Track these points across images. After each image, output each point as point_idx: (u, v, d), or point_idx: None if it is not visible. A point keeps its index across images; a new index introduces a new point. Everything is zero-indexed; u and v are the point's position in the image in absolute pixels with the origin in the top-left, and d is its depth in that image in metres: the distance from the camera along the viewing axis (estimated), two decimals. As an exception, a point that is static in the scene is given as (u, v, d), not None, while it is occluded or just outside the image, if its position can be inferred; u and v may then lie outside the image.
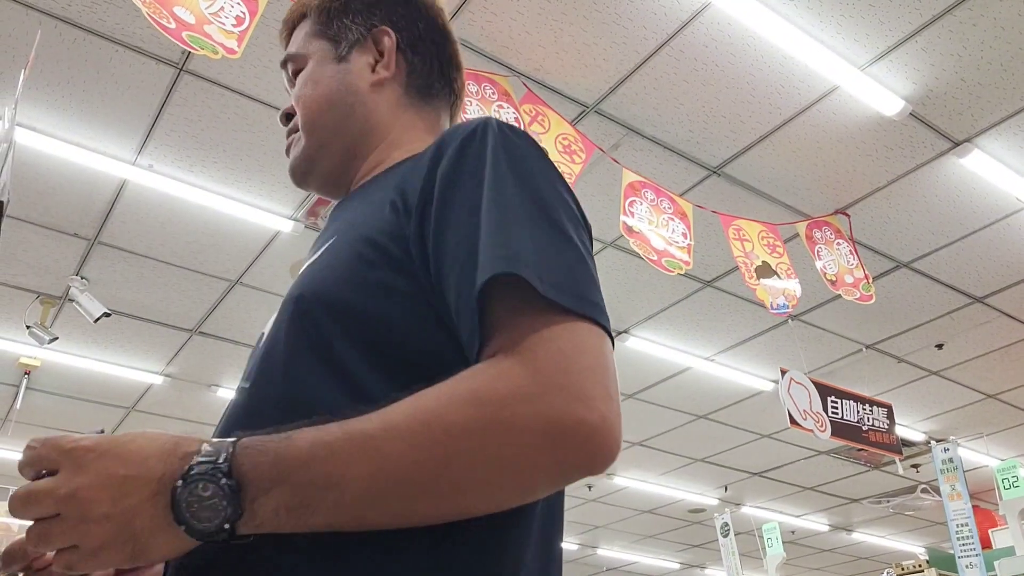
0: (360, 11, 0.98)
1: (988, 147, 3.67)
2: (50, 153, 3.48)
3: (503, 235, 0.68)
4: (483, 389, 0.62)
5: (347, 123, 0.95)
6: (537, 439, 0.60)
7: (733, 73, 3.27)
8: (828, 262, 3.99)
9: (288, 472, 0.59)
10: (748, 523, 7.98)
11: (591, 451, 0.61)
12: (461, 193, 0.73)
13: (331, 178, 0.98)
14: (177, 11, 2.31)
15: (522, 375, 0.62)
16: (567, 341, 0.64)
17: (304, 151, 0.96)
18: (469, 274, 0.67)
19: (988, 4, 2.98)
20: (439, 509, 0.62)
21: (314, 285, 0.78)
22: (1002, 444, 6.92)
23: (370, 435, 0.60)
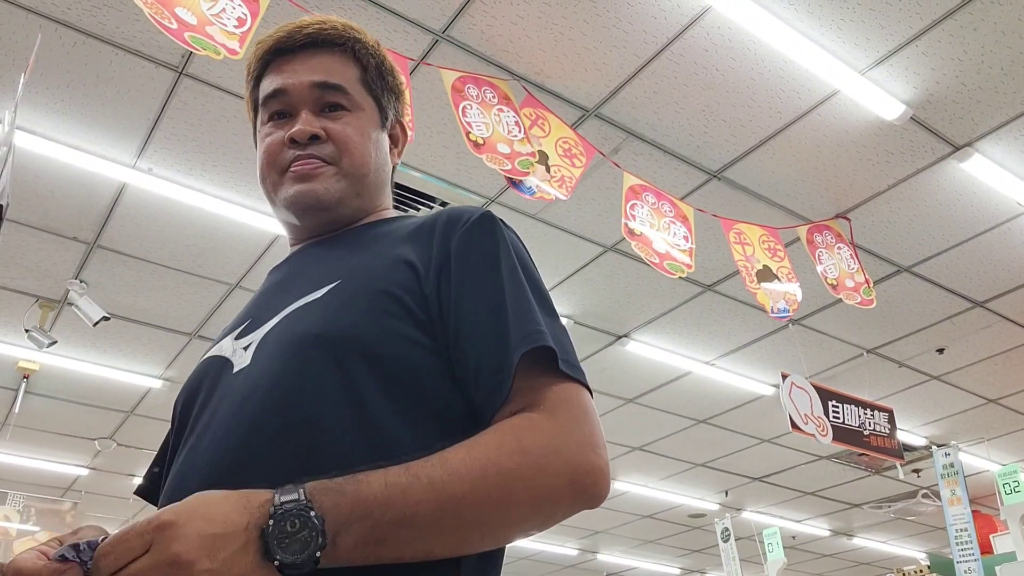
0: (398, 96, 1.11)
1: (989, 151, 3.67)
2: (50, 156, 3.48)
3: (527, 316, 0.83)
4: (525, 439, 0.76)
5: (381, 186, 1.06)
6: (564, 480, 0.75)
7: (733, 77, 3.27)
8: (829, 266, 3.98)
9: (368, 510, 0.68)
10: (749, 528, 7.96)
11: (597, 491, 0.77)
12: (478, 273, 0.87)
13: (337, 223, 1.03)
14: (179, 12, 2.31)
15: (551, 428, 0.77)
16: (576, 403, 0.81)
17: (340, 190, 1.00)
18: (501, 344, 0.81)
19: (989, 8, 2.98)
20: (485, 540, 0.75)
21: (337, 327, 0.83)
22: (1003, 449, 6.91)
23: (437, 479, 0.71)
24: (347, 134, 1.00)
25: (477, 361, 0.82)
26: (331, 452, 0.76)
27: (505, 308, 0.83)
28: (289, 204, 1.00)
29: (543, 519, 0.77)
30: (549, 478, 0.75)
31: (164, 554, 0.63)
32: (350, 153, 1.00)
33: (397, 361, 0.81)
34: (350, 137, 1.00)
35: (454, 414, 0.81)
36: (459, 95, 3.00)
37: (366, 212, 1.05)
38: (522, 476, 0.74)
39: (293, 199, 0.99)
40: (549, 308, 0.88)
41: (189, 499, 0.67)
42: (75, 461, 6.95)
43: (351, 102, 1.02)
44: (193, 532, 0.64)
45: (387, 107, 1.08)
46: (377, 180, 1.05)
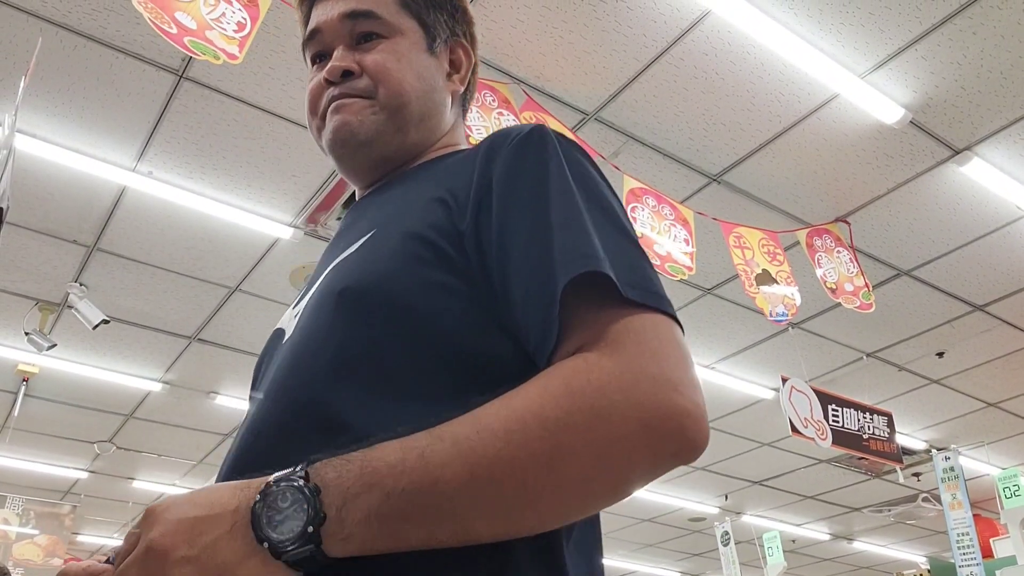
0: (451, 13, 0.99)
1: (988, 155, 3.67)
2: (50, 159, 3.48)
3: (577, 237, 0.69)
4: (576, 381, 0.61)
5: (429, 119, 0.94)
6: (634, 427, 0.59)
7: (733, 81, 3.27)
8: (828, 270, 3.99)
9: (378, 477, 0.58)
10: (749, 532, 7.95)
11: (686, 438, 0.61)
12: (524, 195, 0.73)
13: (382, 161, 0.93)
14: (179, 16, 2.31)
15: (613, 366, 0.62)
16: (651, 334, 0.65)
17: (379, 125, 0.90)
18: (545, 272, 0.67)
19: (988, 13, 2.99)
20: (540, 512, 0.60)
21: (363, 279, 0.74)
22: (1003, 453, 6.90)
23: (463, 437, 0.59)
24: (380, 62, 0.90)
25: (523, 300, 0.68)
26: (351, 426, 0.65)
27: (551, 233, 0.69)
28: (328, 145, 0.93)
29: (615, 479, 0.61)
30: (612, 424, 0.59)
31: (143, 543, 0.58)
32: (386, 82, 0.90)
33: (431, 312, 0.70)
34: (384, 65, 0.90)
35: (506, 373, 0.66)
36: (459, 99, 3.00)
37: (419, 148, 0.94)
38: (573, 425, 0.59)
39: (330, 138, 0.91)
40: (614, 227, 0.72)
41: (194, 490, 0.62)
42: (74, 464, 6.94)
43: (386, 27, 0.92)
44: (173, 517, 0.58)
45: (434, 27, 0.96)
46: (423, 110, 0.92)
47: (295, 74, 3.15)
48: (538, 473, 0.58)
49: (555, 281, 0.65)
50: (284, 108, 3.31)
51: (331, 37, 0.94)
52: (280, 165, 3.63)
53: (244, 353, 5.15)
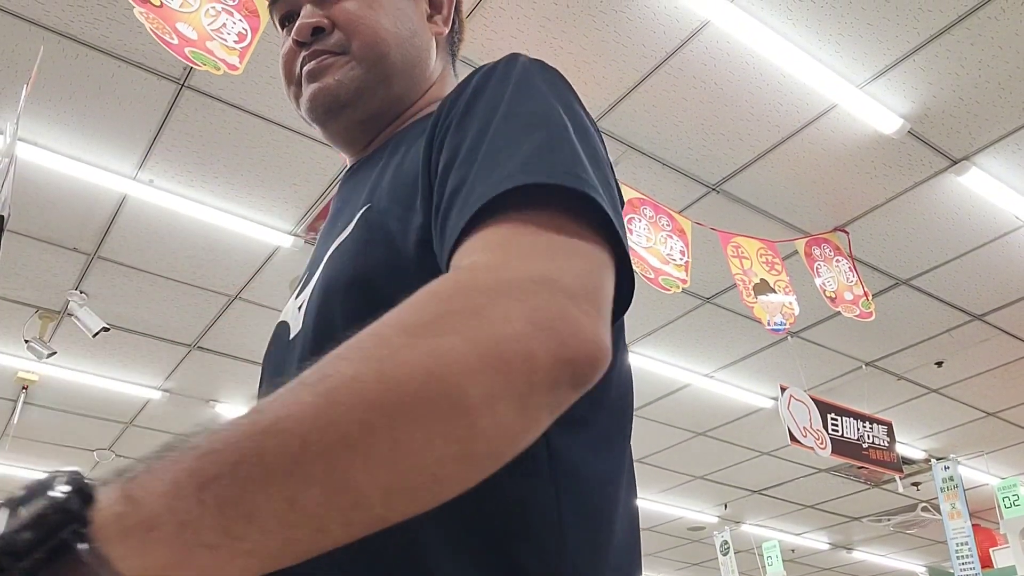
0: None
1: (986, 165, 3.69)
2: (51, 168, 3.49)
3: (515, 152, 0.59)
4: (445, 285, 0.50)
5: (412, 67, 0.87)
6: (521, 326, 0.47)
7: (732, 91, 3.29)
8: (827, 279, 3.99)
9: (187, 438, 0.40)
10: (748, 541, 7.93)
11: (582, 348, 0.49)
12: (475, 117, 0.66)
13: (371, 120, 0.86)
14: (180, 27, 2.32)
15: (503, 269, 0.52)
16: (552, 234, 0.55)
17: (357, 78, 0.83)
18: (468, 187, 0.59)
19: (985, 23, 3.00)
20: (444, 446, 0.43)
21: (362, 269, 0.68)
22: (1003, 462, 6.89)
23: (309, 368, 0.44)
24: (350, 12, 0.83)
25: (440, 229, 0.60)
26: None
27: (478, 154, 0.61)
28: (307, 112, 0.85)
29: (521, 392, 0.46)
30: (495, 324, 0.46)
31: None
32: (359, 33, 0.83)
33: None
34: (354, 14, 0.83)
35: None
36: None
37: (408, 100, 0.87)
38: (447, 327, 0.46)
39: (308, 106, 0.84)
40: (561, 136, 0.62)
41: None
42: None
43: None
44: None
45: None
46: (405, 56, 0.85)
47: (296, 83, 3.16)
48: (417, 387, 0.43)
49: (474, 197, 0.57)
50: (284, 117, 3.33)
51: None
52: (280, 174, 3.64)
53: (244, 361, 5.15)
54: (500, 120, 0.64)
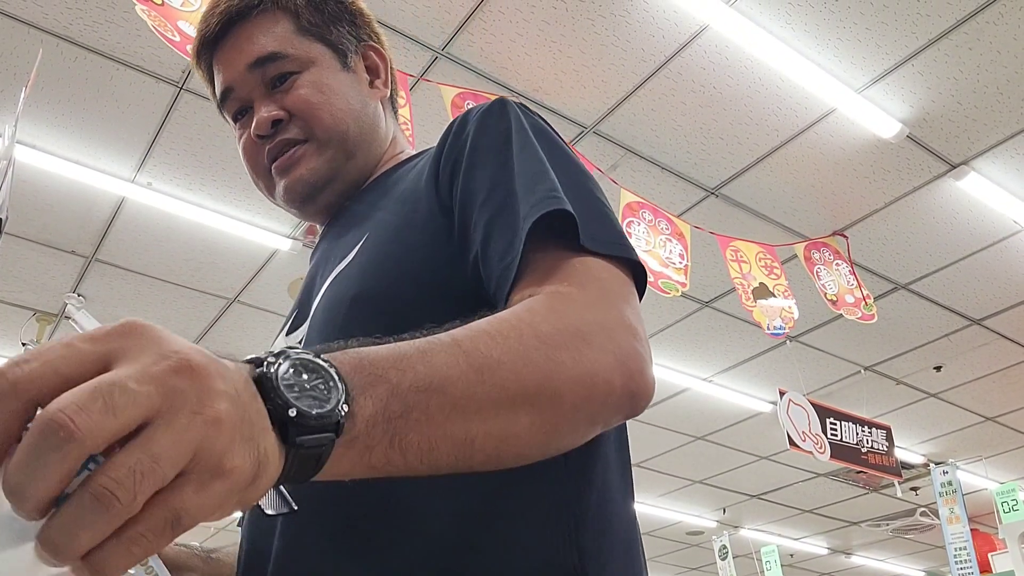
0: (350, 22, 0.96)
1: (985, 170, 3.69)
2: (49, 170, 3.48)
3: (539, 181, 0.70)
4: (558, 303, 0.61)
5: (370, 133, 0.94)
6: (612, 359, 0.59)
7: (731, 95, 3.29)
8: (828, 282, 3.99)
9: (382, 370, 0.48)
10: (747, 546, 7.92)
11: (644, 384, 0.62)
12: (487, 155, 0.75)
13: (343, 193, 0.93)
14: (181, 25, 2.33)
15: (585, 300, 0.63)
16: (610, 281, 0.66)
17: (330, 162, 0.89)
18: (509, 215, 0.68)
19: (984, 28, 3.01)
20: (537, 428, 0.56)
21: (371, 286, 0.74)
22: (1001, 467, 6.89)
23: (460, 339, 0.54)
24: (306, 100, 0.88)
25: (485, 244, 0.69)
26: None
27: (514, 183, 0.70)
28: (286, 202, 0.92)
29: (593, 414, 0.60)
30: (596, 351, 0.59)
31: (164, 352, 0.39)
32: (317, 118, 0.88)
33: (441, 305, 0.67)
34: (308, 101, 0.88)
35: None
36: (458, 111, 3.02)
37: (371, 165, 0.94)
38: (563, 341, 0.58)
39: (285, 197, 0.91)
40: (577, 180, 0.73)
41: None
42: (70, 475, 6.91)
43: (296, 62, 0.89)
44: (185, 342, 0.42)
45: (340, 43, 0.94)
46: (364, 129, 0.92)
47: (295, 86, 3.16)
48: (539, 385, 0.55)
49: (520, 220, 0.66)
50: (283, 120, 3.32)
51: (245, 91, 0.91)
52: (279, 177, 3.63)
53: (241, 364, 5.14)
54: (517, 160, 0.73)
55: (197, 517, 0.38)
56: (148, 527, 0.36)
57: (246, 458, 0.39)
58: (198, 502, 0.37)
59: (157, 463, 0.35)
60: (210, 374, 0.39)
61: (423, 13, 2.92)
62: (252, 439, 0.40)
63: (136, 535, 0.36)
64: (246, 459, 0.39)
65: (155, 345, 0.39)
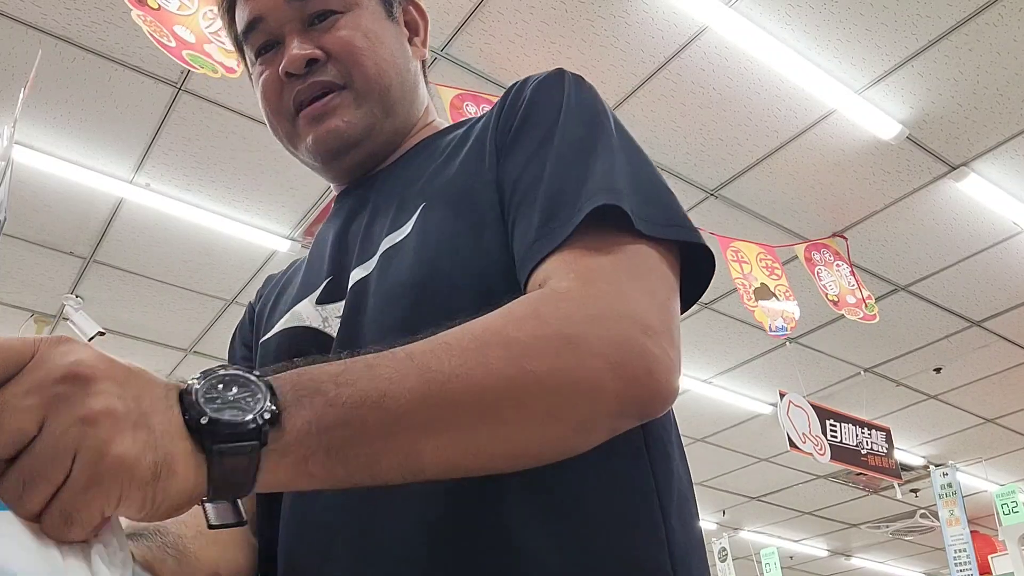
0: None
1: (985, 171, 3.68)
2: (47, 171, 3.48)
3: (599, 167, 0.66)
4: (544, 307, 0.57)
5: (411, 93, 0.86)
6: (603, 363, 0.54)
7: (730, 96, 3.28)
8: (829, 283, 3.99)
9: (319, 384, 0.49)
10: (746, 548, 7.92)
11: (659, 381, 0.57)
12: (535, 134, 0.70)
13: (378, 153, 0.85)
14: (177, 30, 2.32)
15: (584, 297, 0.58)
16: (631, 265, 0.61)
17: (368, 118, 0.81)
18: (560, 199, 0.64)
19: (984, 30, 3.00)
20: (498, 444, 0.53)
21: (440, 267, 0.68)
22: (1001, 469, 6.88)
23: (416, 352, 0.52)
24: (349, 42, 0.80)
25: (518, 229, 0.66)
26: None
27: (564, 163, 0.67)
28: (313, 156, 0.82)
29: (579, 422, 0.55)
30: (581, 356, 0.54)
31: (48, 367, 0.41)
32: (360, 64, 0.79)
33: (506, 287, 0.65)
34: (354, 45, 0.79)
35: None
36: (457, 112, 3.01)
37: (407, 129, 0.86)
38: (539, 350, 0.53)
39: (314, 149, 0.81)
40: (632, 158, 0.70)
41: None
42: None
43: (340, 1, 0.81)
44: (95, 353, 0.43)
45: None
46: (405, 85, 0.84)
47: (294, 87, 3.16)
48: (498, 396, 0.52)
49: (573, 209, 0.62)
50: (282, 121, 3.32)
51: (278, 23, 0.81)
52: (278, 177, 3.63)
53: (240, 366, 5.13)
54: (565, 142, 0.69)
55: (92, 513, 0.40)
56: (46, 526, 0.40)
57: (135, 450, 0.41)
58: (87, 498, 0.40)
59: (40, 467, 0.39)
60: (96, 378, 0.41)
61: (422, 14, 2.91)
62: (148, 437, 0.42)
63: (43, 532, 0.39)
64: (135, 450, 0.41)
65: (55, 358, 0.42)
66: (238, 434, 0.44)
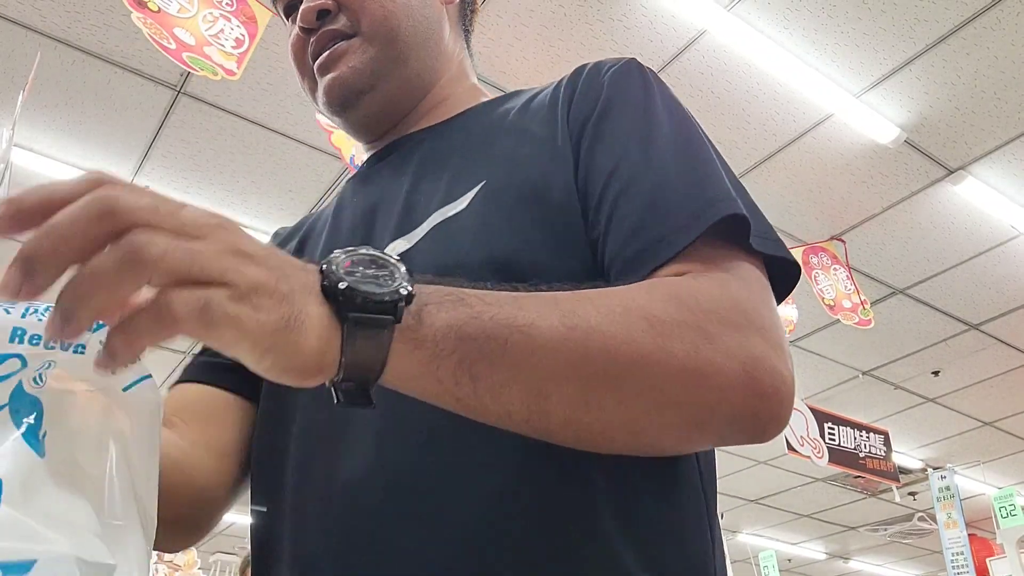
0: None
1: (982, 175, 3.69)
2: (46, 174, 3.48)
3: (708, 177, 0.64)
4: (684, 293, 0.56)
5: (426, 40, 0.83)
6: (737, 365, 0.53)
7: (729, 100, 3.29)
8: (825, 287, 3.99)
9: (466, 296, 0.50)
10: (744, 551, 7.91)
11: (776, 407, 0.55)
12: (630, 126, 0.68)
13: (394, 100, 0.82)
14: (177, 32, 2.32)
15: (723, 299, 0.57)
16: (758, 286, 0.61)
17: (374, 63, 0.79)
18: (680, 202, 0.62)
19: (981, 34, 3.01)
20: (618, 412, 0.52)
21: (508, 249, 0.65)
22: (999, 472, 6.89)
23: (561, 299, 0.53)
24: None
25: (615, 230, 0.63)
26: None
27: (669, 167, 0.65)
28: (324, 105, 0.82)
29: (698, 418, 0.54)
30: (716, 352, 0.53)
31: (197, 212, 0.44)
32: (365, 10, 0.79)
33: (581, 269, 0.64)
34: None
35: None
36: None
37: (428, 79, 0.84)
38: (680, 336, 0.53)
39: (325, 100, 0.81)
40: (728, 170, 0.67)
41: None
42: (67, 479, 6.89)
43: None
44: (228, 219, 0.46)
45: None
46: (418, 30, 0.82)
47: (292, 90, 3.16)
48: (633, 364, 0.51)
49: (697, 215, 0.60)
50: (281, 124, 3.32)
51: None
52: (277, 180, 3.64)
53: (239, 368, 5.13)
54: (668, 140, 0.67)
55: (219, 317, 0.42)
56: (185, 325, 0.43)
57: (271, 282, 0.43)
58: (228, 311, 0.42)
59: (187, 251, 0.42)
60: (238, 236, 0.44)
61: (421, 17, 2.92)
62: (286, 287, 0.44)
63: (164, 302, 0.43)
64: (271, 282, 0.43)
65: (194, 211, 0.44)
66: (374, 303, 0.45)
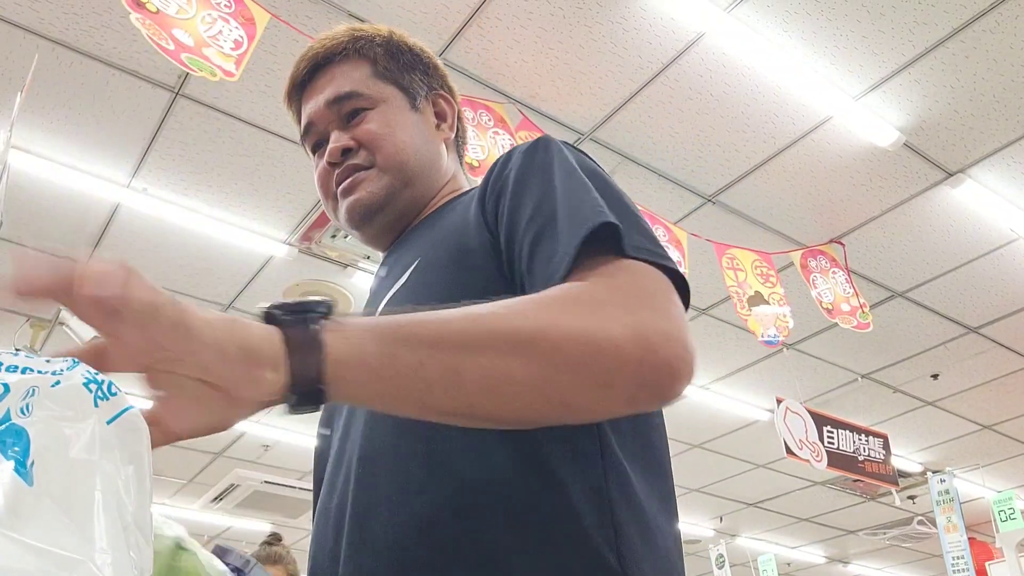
0: (424, 71, 1.08)
1: (981, 178, 3.69)
2: (44, 176, 3.47)
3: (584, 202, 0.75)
4: (574, 290, 0.67)
5: (429, 168, 1.02)
6: (629, 334, 0.63)
7: (728, 102, 3.29)
8: (824, 290, 3.99)
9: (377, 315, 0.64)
10: (743, 555, 7.90)
11: (676, 366, 0.64)
12: (529, 184, 0.81)
13: (399, 218, 1.01)
14: (176, 33, 2.32)
15: (611, 292, 0.67)
16: (648, 282, 0.70)
17: (387, 187, 0.98)
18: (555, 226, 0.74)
19: (980, 37, 3.01)
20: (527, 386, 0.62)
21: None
22: (999, 475, 6.88)
23: (459, 305, 0.64)
24: (372, 131, 0.99)
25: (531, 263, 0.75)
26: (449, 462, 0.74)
27: (558, 203, 0.76)
28: (346, 223, 1.01)
29: (605, 375, 0.62)
30: (606, 320, 0.63)
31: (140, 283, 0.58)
32: (380, 148, 0.98)
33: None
34: (375, 133, 0.99)
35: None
36: (455, 118, 3.01)
37: (428, 196, 1.03)
38: (570, 309, 0.64)
39: (346, 217, 1.00)
40: (619, 198, 0.79)
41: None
42: (64, 483, 6.87)
43: (369, 100, 1.00)
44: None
45: (411, 87, 1.05)
46: (422, 162, 1.01)
47: (291, 92, 3.16)
48: (531, 335, 0.61)
49: (567, 231, 0.72)
50: (279, 126, 3.31)
51: (323, 125, 1.02)
52: (275, 182, 3.63)
53: (237, 371, 5.11)
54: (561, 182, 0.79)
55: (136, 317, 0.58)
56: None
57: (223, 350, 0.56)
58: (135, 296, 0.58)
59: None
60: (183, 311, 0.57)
61: (420, 20, 2.92)
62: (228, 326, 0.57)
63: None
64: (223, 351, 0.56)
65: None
66: (302, 308, 0.59)
